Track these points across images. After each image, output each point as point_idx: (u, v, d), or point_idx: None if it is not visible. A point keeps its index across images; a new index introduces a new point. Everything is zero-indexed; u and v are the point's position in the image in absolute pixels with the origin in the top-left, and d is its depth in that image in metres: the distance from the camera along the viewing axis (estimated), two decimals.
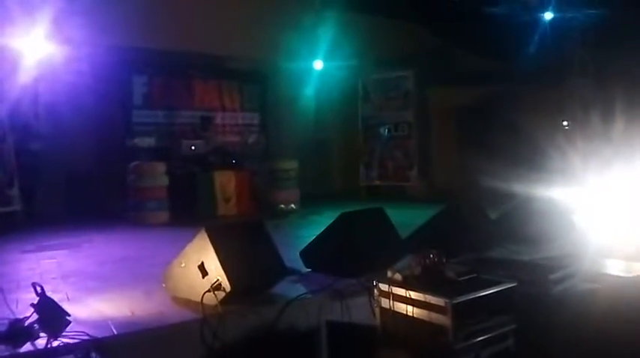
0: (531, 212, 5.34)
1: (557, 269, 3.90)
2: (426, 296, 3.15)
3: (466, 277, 3.35)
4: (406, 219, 5.52)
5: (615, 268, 4.26)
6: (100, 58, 7.71)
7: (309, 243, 4.50)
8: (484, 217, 5.34)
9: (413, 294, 3.24)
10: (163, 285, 3.78)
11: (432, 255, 3.52)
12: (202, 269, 3.50)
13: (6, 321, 2.94)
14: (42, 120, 7.91)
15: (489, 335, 3.20)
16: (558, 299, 3.67)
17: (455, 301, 3.04)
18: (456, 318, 3.02)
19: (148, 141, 8.71)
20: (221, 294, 3.39)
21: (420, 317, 3.18)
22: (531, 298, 3.53)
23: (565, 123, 8.86)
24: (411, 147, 10.32)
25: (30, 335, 2.83)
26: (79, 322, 3.15)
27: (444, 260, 3.54)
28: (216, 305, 3.34)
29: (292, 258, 4.39)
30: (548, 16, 9.29)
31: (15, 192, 7.03)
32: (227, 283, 3.38)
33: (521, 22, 8.85)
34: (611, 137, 7.70)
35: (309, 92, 10.23)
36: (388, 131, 10.47)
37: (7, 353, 2.70)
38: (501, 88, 9.50)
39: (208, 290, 3.40)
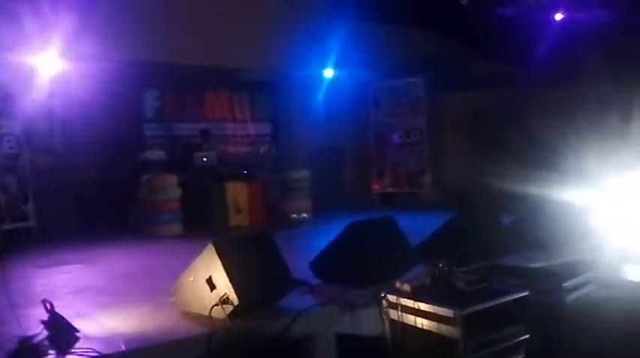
0: (546, 215, 5.24)
1: (571, 276, 3.80)
2: (435, 307, 3.10)
3: (476, 287, 3.29)
4: (420, 226, 5.45)
5: (633, 274, 4.15)
6: (112, 73, 7.80)
7: (319, 254, 4.47)
8: (497, 223, 5.25)
9: (422, 305, 3.19)
10: (173, 299, 3.79)
11: (441, 265, 3.47)
12: (210, 283, 3.50)
13: (16, 339, 2.97)
14: (56, 136, 8.04)
15: (501, 346, 3.14)
16: (573, 307, 3.57)
17: (464, 312, 2.98)
18: (466, 330, 2.96)
19: (159, 154, 8.76)
20: (229, 308, 3.38)
21: (430, 328, 3.13)
22: (545, 307, 3.45)
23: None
24: (423, 154, 10.26)
25: (38, 352, 2.86)
26: (88, 338, 3.17)
27: (454, 269, 3.49)
28: (224, 319, 3.33)
29: (303, 268, 4.37)
30: (559, 17, 9.19)
31: (30, 207, 7.14)
32: (235, 296, 3.37)
33: (533, 24, 8.76)
34: (628, 137, 7.53)
35: (319, 101, 10.23)
36: (400, 138, 10.42)
37: None
38: (514, 92, 9.38)
39: (217, 304, 3.39)
